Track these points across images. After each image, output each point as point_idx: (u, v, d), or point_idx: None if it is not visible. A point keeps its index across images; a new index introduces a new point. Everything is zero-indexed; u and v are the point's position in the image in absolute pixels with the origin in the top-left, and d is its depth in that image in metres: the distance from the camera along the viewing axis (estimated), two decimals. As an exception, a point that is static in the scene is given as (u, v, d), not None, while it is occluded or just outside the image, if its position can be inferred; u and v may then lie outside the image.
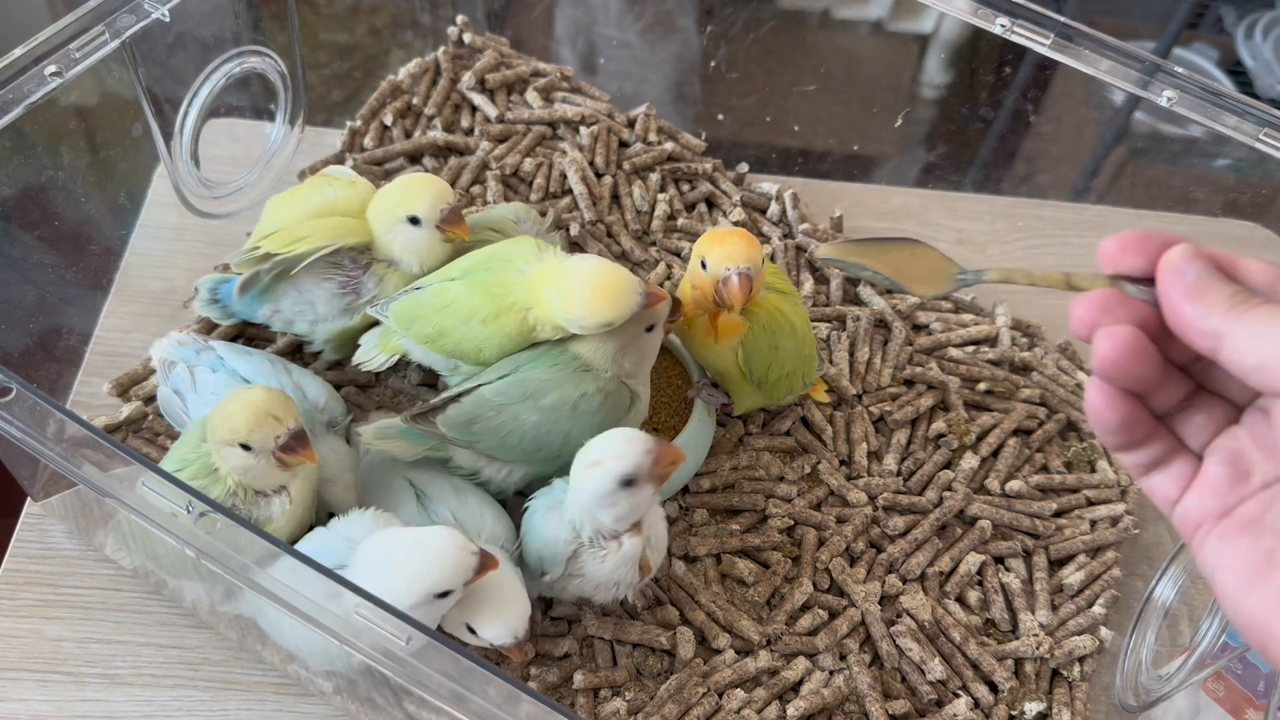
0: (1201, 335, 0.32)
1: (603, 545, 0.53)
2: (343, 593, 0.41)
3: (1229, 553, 0.33)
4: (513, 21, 0.96)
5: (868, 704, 0.58)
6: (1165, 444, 0.36)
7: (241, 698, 0.57)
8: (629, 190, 0.81)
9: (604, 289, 0.54)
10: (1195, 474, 0.35)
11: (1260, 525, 0.33)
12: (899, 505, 0.66)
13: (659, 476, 0.52)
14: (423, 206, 0.61)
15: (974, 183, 0.89)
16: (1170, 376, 0.35)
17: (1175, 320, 0.32)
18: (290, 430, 0.52)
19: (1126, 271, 0.34)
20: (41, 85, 0.55)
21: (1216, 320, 0.31)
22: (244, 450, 0.52)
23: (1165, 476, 0.36)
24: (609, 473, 0.51)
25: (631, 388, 0.58)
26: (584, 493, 0.52)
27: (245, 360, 0.61)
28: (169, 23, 0.60)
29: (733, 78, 0.91)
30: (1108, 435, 0.36)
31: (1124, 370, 0.34)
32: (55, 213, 0.67)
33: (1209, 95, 0.62)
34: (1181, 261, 0.32)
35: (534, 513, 0.55)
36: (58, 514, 0.62)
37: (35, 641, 0.58)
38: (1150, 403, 0.36)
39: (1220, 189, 0.78)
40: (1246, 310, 0.31)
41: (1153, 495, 0.36)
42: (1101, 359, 0.34)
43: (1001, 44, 0.65)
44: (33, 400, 0.45)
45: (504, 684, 0.39)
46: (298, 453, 0.52)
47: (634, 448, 0.51)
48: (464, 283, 0.59)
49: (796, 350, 0.63)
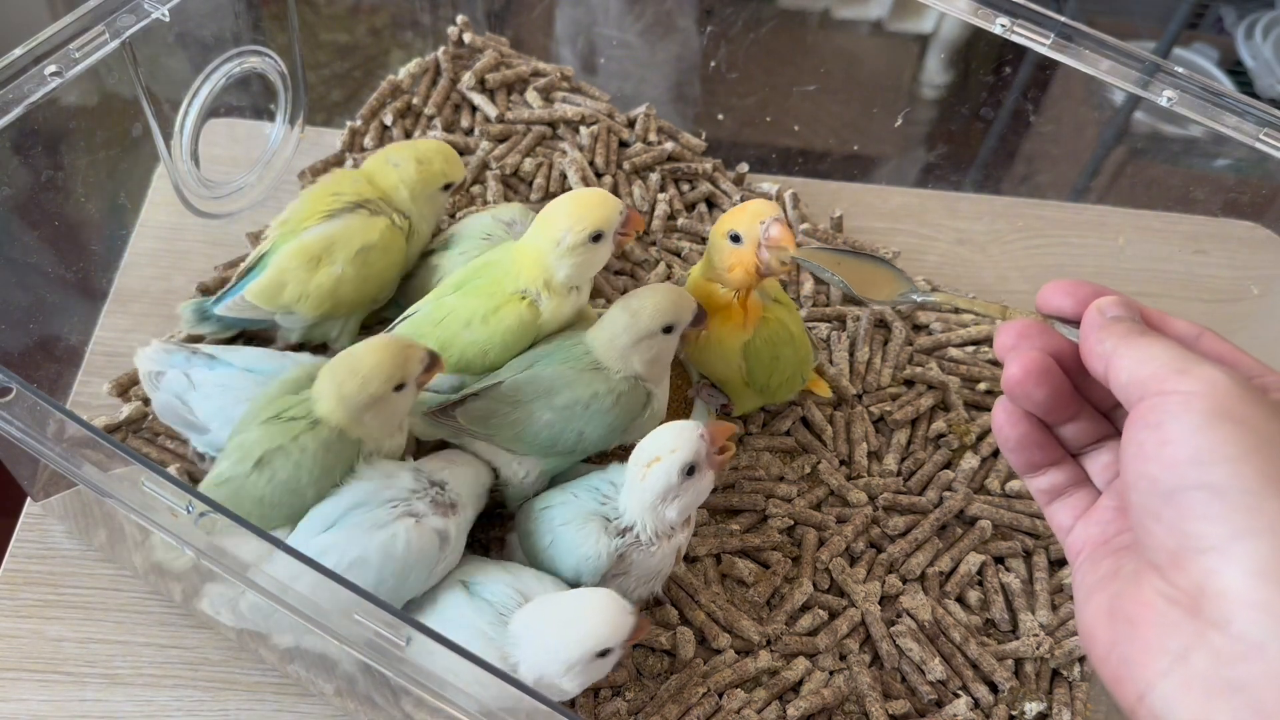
0: (1097, 358, 0.34)
1: (654, 541, 0.53)
2: (340, 590, 0.41)
3: (1091, 570, 0.35)
4: (513, 21, 0.96)
5: (868, 704, 0.58)
6: (1070, 475, 0.38)
7: (241, 697, 0.57)
8: (629, 190, 0.81)
9: (583, 199, 0.57)
10: (1091, 506, 0.38)
11: (1126, 551, 0.35)
12: (899, 505, 0.66)
13: (719, 461, 0.52)
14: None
15: (974, 183, 0.89)
16: (1086, 415, 0.38)
17: (1083, 347, 0.35)
18: (426, 351, 0.53)
19: (1060, 313, 0.37)
20: (41, 85, 0.55)
21: (1109, 344, 0.34)
22: (397, 391, 0.52)
23: (1065, 505, 0.38)
24: (670, 466, 0.51)
25: (647, 388, 0.58)
26: (646, 492, 0.52)
27: (240, 353, 0.61)
28: (169, 23, 0.60)
29: (733, 78, 0.91)
30: (1008, 453, 0.39)
31: (1027, 390, 0.36)
32: (55, 213, 0.67)
33: (1209, 95, 0.62)
34: (1106, 304, 0.35)
35: (564, 529, 0.54)
36: (58, 514, 0.62)
37: (35, 641, 0.58)
38: (1063, 434, 0.38)
39: (1220, 189, 0.77)
40: (1136, 338, 0.33)
41: (1050, 521, 0.39)
42: (1008, 378, 0.36)
43: (1001, 44, 0.65)
44: (33, 400, 0.45)
45: (503, 684, 0.39)
46: (435, 370, 0.54)
47: (688, 435, 0.51)
48: (459, 293, 0.60)
49: (794, 356, 0.64)
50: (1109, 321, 0.34)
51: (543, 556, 0.55)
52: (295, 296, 0.63)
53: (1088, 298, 0.36)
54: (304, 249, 0.63)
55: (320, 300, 0.63)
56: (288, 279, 0.63)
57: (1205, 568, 0.29)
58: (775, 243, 0.57)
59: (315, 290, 0.63)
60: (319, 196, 0.64)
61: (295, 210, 0.65)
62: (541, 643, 0.49)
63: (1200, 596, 0.29)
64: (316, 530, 0.52)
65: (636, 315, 0.56)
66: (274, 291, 0.63)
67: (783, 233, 0.57)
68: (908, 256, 0.82)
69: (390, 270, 0.66)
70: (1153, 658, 0.30)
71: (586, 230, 0.56)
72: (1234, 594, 0.28)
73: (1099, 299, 0.35)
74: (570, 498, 0.55)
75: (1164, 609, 0.30)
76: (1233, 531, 0.28)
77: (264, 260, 0.64)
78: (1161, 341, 0.33)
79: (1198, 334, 0.35)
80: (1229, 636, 0.28)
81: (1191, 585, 0.29)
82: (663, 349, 0.58)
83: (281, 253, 0.63)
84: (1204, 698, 0.28)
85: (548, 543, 0.55)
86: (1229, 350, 0.35)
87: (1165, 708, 0.29)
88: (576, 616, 0.49)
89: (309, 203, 0.64)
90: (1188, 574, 0.29)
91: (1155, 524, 0.30)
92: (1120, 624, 0.32)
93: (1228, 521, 0.28)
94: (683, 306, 0.57)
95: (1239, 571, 0.28)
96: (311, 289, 0.63)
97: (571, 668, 0.48)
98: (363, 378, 0.52)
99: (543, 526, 0.55)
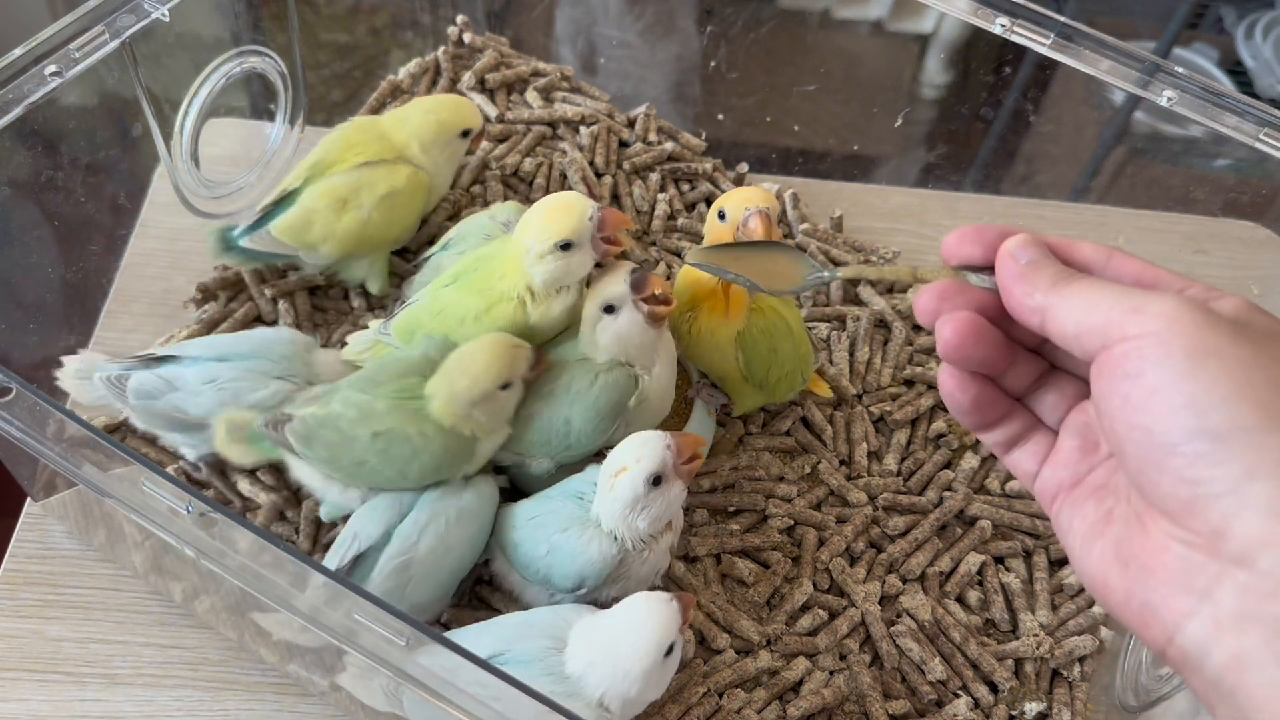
0: (1030, 312, 0.34)
1: (642, 546, 0.53)
2: (344, 593, 0.41)
3: (1077, 516, 0.35)
4: (513, 21, 0.96)
5: (868, 704, 0.58)
6: (1023, 422, 0.38)
7: (241, 697, 0.57)
8: (629, 190, 0.81)
9: (550, 208, 0.57)
10: (1052, 448, 0.37)
11: (1105, 489, 0.35)
12: (899, 505, 0.66)
13: (685, 471, 0.52)
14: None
15: (974, 183, 0.89)
16: (1020, 358, 0.38)
17: (1008, 301, 0.34)
18: (532, 349, 0.56)
19: (968, 262, 0.36)
20: (41, 85, 0.55)
21: (1040, 296, 0.33)
22: (504, 390, 0.55)
23: (1024, 452, 0.38)
24: (636, 476, 0.51)
25: (635, 373, 0.58)
26: (616, 502, 0.52)
27: (197, 345, 0.61)
28: (169, 23, 0.60)
29: (733, 78, 0.91)
30: (963, 416, 0.38)
31: (966, 353, 0.36)
32: (55, 213, 0.67)
33: (1209, 95, 0.61)
34: (1016, 248, 0.35)
35: (562, 536, 0.54)
36: (57, 514, 0.62)
37: (35, 641, 0.58)
38: (1004, 384, 0.38)
39: (1220, 189, 0.78)
40: (1065, 285, 0.33)
41: (1015, 470, 0.38)
42: (944, 344, 0.36)
43: (1001, 44, 0.65)
44: (33, 400, 0.45)
45: (504, 684, 0.39)
46: (541, 366, 0.57)
47: (653, 445, 0.51)
48: (455, 286, 0.60)
49: (794, 350, 0.64)
50: (1027, 269, 0.34)
51: (538, 565, 0.55)
52: (321, 236, 0.66)
53: (994, 242, 0.35)
54: (332, 190, 0.66)
55: (345, 241, 0.67)
56: (315, 219, 0.66)
57: (1221, 512, 0.29)
58: (750, 235, 0.57)
59: (342, 232, 0.66)
60: (346, 146, 0.67)
61: (324, 154, 0.67)
62: (609, 671, 0.48)
63: (1219, 539, 0.29)
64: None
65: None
66: (301, 229, 0.66)
67: (760, 226, 0.56)
68: (908, 256, 0.82)
69: (412, 215, 0.69)
70: (1177, 600, 0.30)
71: (552, 240, 0.56)
72: (1256, 536, 0.28)
73: (1006, 242, 0.35)
74: (558, 505, 0.55)
75: (1182, 552, 0.30)
76: (1243, 473, 0.28)
77: (291, 198, 0.67)
78: (1093, 282, 0.32)
79: (1108, 256, 0.35)
80: (1256, 574, 0.28)
81: (1208, 529, 0.29)
82: (637, 331, 0.57)
83: (309, 192, 0.66)
84: (1236, 633, 0.28)
85: (544, 551, 0.54)
86: (1142, 267, 0.35)
87: (1196, 646, 0.29)
88: (629, 628, 0.48)
89: (336, 150, 0.67)
90: (1203, 519, 0.29)
91: (1159, 474, 0.30)
92: (1135, 571, 0.31)
93: (1236, 463, 0.28)
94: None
95: (1256, 514, 0.28)
96: (339, 230, 0.66)
97: (648, 676, 0.48)
98: (473, 377, 0.54)
99: (535, 535, 0.55)
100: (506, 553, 0.57)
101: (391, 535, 0.54)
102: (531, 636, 0.50)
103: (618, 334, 0.57)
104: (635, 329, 0.57)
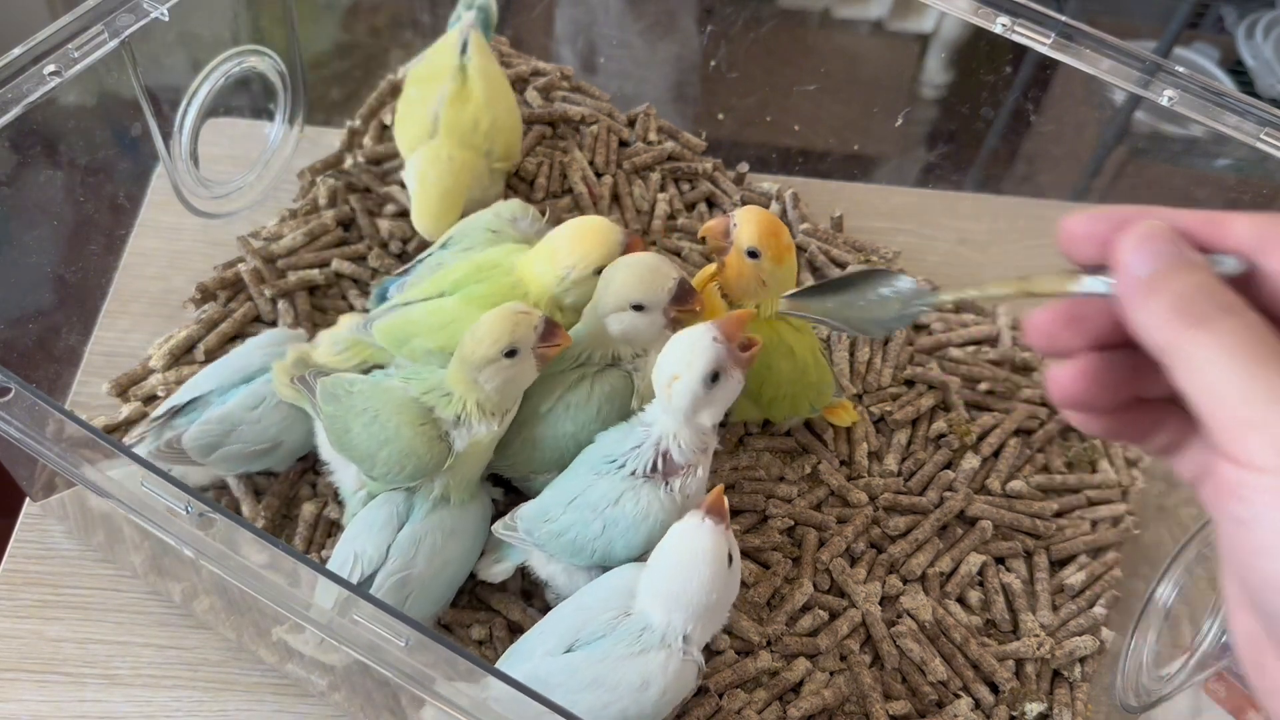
0: (1151, 347, 0.27)
1: (691, 455, 0.52)
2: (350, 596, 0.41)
3: None
4: (513, 21, 0.96)
5: (869, 705, 0.58)
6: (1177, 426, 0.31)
7: (240, 698, 0.57)
8: (629, 190, 0.81)
9: (588, 233, 0.57)
10: None
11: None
12: (900, 505, 0.66)
13: (745, 360, 0.51)
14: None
15: (974, 183, 0.89)
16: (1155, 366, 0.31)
17: (1128, 325, 0.28)
18: (542, 319, 0.54)
19: (1087, 262, 0.30)
20: (40, 85, 0.55)
21: (1158, 334, 0.27)
22: (508, 358, 0.53)
23: (1183, 460, 0.32)
24: (692, 380, 0.49)
25: (627, 369, 0.58)
26: (675, 410, 0.51)
27: (207, 377, 0.61)
28: (168, 22, 0.60)
29: (733, 77, 0.91)
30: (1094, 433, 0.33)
31: (1087, 406, 0.31)
32: (55, 213, 0.67)
33: (1209, 95, 0.61)
34: (1133, 251, 0.27)
35: (616, 510, 0.52)
36: (57, 514, 0.62)
37: (34, 642, 0.58)
38: (1143, 391, 0.32)
39: (1220, 189, 0.77)
40: (1189, 330, 0.26)
41: (1180, 475, 0.33)
42: (1059, 404, 0.31)
43: (1002, 44, 0.65)
44: (32, 400, 0.45)
45: (504, 684, 0.39)
46: (558, 336, 0.55)
47: (702, 344, 0.49)
48: (459, 298, 0.59)
49: (796, 374, 0.62)
50: (1148, 285, 0.27)
51: (593, 546, 0.53)
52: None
53: (1106, 237, 0.29)
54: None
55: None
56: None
57: None
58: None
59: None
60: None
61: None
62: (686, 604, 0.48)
63: None
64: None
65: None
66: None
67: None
68: (908, 256, 0.82)
69: None
70: None
71: (591, 266, 0.57)
72: None
73: (1123, 239, 0.28)
74: (593, 479, 0.53)
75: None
76: None
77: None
78: (1223, 335, 0.25)
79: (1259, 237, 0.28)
80: None
81: None
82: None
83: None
84: None
85: (599, 530, 0.52)
86: None
87: None
88: (690, 562, 0.48)
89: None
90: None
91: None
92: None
93: None
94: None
95: None
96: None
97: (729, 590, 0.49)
98: (477, 340, 0.53)
99: (584, 517, 0.53)
100: (547, 547, 0.55)
101: (389, 552, 0.54)
102: (595, 615, 0.50)
103: (632, 329, 0.56)
104: (652, 330, 0.56)
